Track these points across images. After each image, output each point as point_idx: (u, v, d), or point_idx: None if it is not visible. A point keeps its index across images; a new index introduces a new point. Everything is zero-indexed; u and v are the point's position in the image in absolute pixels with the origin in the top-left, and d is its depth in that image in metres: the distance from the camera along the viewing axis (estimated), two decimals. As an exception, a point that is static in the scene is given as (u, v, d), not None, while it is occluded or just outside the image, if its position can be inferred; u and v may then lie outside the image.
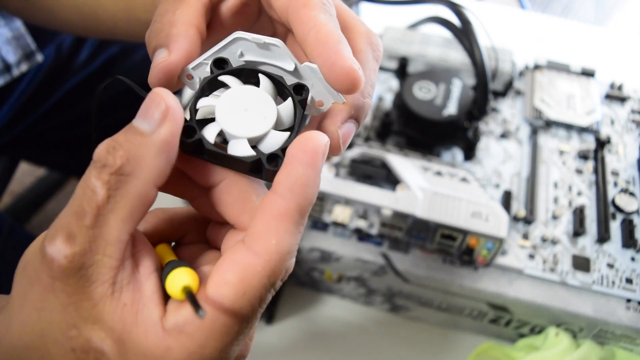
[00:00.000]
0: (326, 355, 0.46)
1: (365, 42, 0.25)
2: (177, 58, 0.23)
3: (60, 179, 1.20)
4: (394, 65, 0.55)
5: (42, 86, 0.67)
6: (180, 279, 0.19)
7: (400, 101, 0.48)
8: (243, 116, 0.22)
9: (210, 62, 0.23)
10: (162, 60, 0.23)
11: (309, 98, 0.23)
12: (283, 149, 0.21)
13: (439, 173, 0.43)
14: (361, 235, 0.43)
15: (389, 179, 0.44)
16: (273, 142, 0.22)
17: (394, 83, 0.54)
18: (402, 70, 0.53)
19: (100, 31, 0.48)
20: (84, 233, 0.19)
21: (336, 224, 0.43)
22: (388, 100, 0.52)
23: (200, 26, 0.25)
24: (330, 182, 0.42)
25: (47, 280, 0.19)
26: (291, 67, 0.23)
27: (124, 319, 0.19)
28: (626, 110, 0.52)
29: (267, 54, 0.23)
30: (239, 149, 0.21)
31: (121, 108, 0.74)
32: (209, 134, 0.22)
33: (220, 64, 0.23)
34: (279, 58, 0.23)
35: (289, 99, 0.23)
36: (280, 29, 0.29)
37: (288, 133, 0.22)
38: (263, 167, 0.21)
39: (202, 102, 0.23)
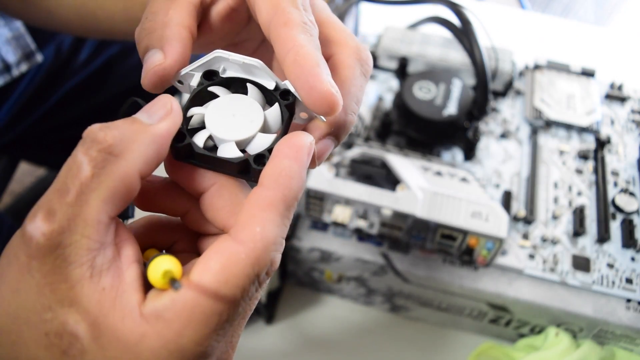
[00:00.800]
0: (326, 355, 0.46)
1: (353, 58, 0.25)
2: (172, 62, 0.23)
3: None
4: (394, 65, 0.55)
5: (42, 86, 0.67)
6: (161, 264, 0.19)
7: (400, 101, 0.48)
8: (231, 121, 0.23)
9: (197, 72, 0.24)
10: (158, 64, 0.23)
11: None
12: (269, 150, 0.22)
13: (439, 173, 0.43)
14: (361, 235, 0.43)
15: (389, 179, 0.44)
16: (260, 144, 0.23)
17: (394, 83, 0.54)
18: (402, 70, 0.53)
19: (99, 31, 0.48)
20: (64, 210, 0.19)
21: (336, 224, 0.43)
22: (388, 100, 0.52)
23: (192, 28, 0.25)
24: (330, 182, 0.42)
25: (24, 259, 0.19)
26: (272, 86, 0.24)
27: (102, 303, 0.19)
28: (626, 110, 0.52)
29: (249, 71, 0.24)
30: (227, 151, 0.22)
31: (120, 108, 0.74)
32: (199, 139, 0.23)
33: (210, 76, 0.24)
34: (260, 76, 0.24)
35: (276, 104, 0.23)
36: None
37: (274, 135, 0.23)
38: (250, 167, 0.22)
39: (193, 111, 0.23)
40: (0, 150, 0.73)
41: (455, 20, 0.48)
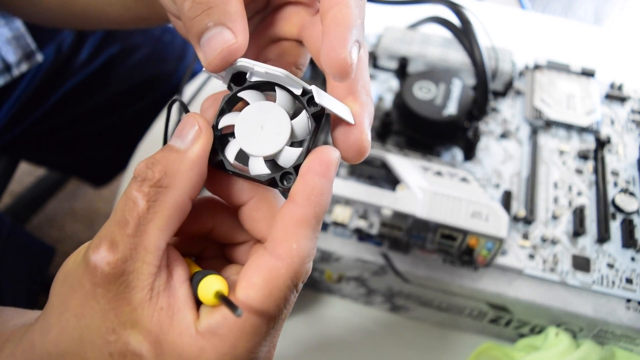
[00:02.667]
0: (326, 355, 0.46)
1: (354, 4, 0.24)
2: (243, 41, 0.23)
3: (60, 179, 1.20)
4: (394, 65, 0.55)
5: (42, 86, 0.66)
6: (211, 285, 0.21)
7: (400, 101, 0.48)
8: (259, 134, 0.23)
9: (225, 73, 0.24)
10: (231, 43, 0.22)
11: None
12: (296, 167, 0.23)
13: (439, 173, 0.43)
14: (361, 235, 0.43)
15: (389, 179, 0.44)
16: (288, 157, 0.23)
17: (394, 83, 0.54)
18: (402, 70, 0.53)
19: (77, 18, 0.46)
20: (126, 241, 0.20)
21: (336, 224, 0.43)
22: (388, 100, 0.52)
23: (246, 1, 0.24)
24: (330, 182, 0.42)
25: (89, 287, 0.20)
26: (299, 92, 0.23)
27: (161, 322, 0.20)
28: (626, 110, 0.52)
29: (275, 78, 0.23)
30: (256, 167, 0.23)
31: (120, 108, 0.74)
32: (230, 153, 0.24)
33: (239, 79, 0.24)
34: (287, 82, 0.23)
35: (303, 113, 0.23)
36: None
37: (301, 149, 0.23)
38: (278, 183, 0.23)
39: (224, 122, 0.24)
40: (0, 150, 0.73)
41: (455, 20, 0.48)
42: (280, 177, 0.23)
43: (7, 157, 0.81)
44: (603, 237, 0.42)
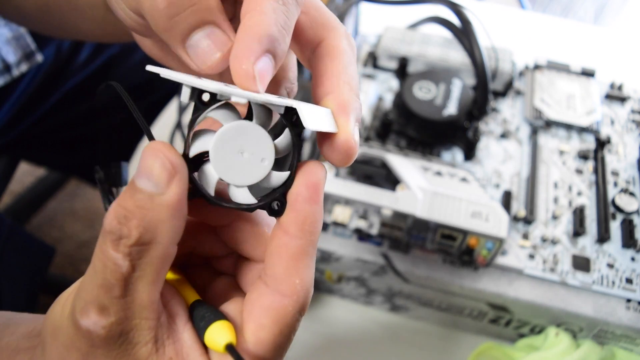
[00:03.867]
0: (326, 355, 0.46)
1: (346, 43, 0.24)
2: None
3: (60, 179, 1.20)
4: (394, 65, 0.55)
5: (42, 86, 0.66)
6: (219, 335, 0.20)
7: (400, 101, 0.48)
8: (240, 160, 0.21)
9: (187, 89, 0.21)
10: (229, 45, 0.21)
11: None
12: (284, 193, 0.21)
13: (439, 173, 0.43)
14: (361, 235, 0.43)
15: (389, 179, 0.44)
16: (273, 181, 0.22)
17: (394, 83, 0.54)
18: (402, 70, 0.53)
19: (52, 25, 0.45)
20: (116, 303, 0.19)
21: (336, 224, 0.43)
22: (388, 100, 0.52)
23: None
24: (330, 182, 0.42)
25: (87, 349, 0.19)
26: (281, 110, 0.21)
27: None
28: (626, 110, 0.52)
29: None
30: (240, 196, 0.22)
31: (120, 108, 0.74)
32: (208, 184, 0.21)
33: (203, 100, 0.20)
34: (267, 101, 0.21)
35: (286, 132, 0.22)
36: None
37: (288, 172, 0.22)
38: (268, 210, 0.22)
39: (196, 148, 0.21)
40: (0, 150, 0.73)
41: (455, 20, 0.48)
42: (269, 206, 0.21)
43: (7, 157, 0.81)
44: (603, 237, 0.42)
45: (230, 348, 0.20)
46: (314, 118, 0.20)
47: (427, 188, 0.41)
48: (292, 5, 0.21)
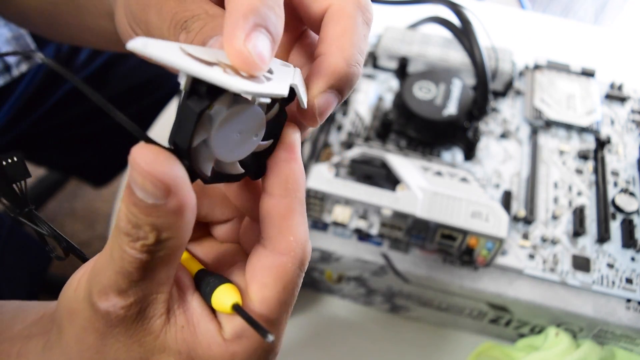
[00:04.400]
0: (326, 355, 0.46)
1: (353, 5, 0.23)
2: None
3: (60, 179, 1.20)
4: (394, 65, 0.55)
5: (42, 86, 0.66)
6: (225, 297, 0.21)
7: (400, 101, 0.48)
8: (235, 139, 0.21)
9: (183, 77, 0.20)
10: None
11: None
12: (265, 157, 0.22)
13: (439, 173, 0.43)
14: (361, 235, 0.43)
15: (389, 179, 0.44)
16: (259, 149, 0.22)
17: (394, 83, 0.54)
18: (402, 70, 0.53)
19: (57, 32, 0.46)
20: (134, 286, 0.20)
21: (336, 224, 0.43)
22: (388, 100, 0.52)
23: None
24: (330, 182, 0.42)
25: (104, 329, 0.20)
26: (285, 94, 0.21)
27: (186, 340, 0.21)
28: (626, 110, 0.52)
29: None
30: (231, 169, 0.22)
31: (121, 108, 0.74)
32: (206, 167, 0.21)
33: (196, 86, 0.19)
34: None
35: (276, 107, 0.22)
36: None
37: (272, 141, 0.22)
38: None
39: (199, 138, 0.20)
40: (0, 150, 0.73)
41: (455, 20, 0.48)
42: (255, 173, 0.23)
43: (7, 157, 0.81)
44: (603, 237, 0.42)
45: (237, 307, 0.20)
46: (303, 93, 0.21)
47: (427, 188, 0.41)
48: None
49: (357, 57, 0.23)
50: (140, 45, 0.16)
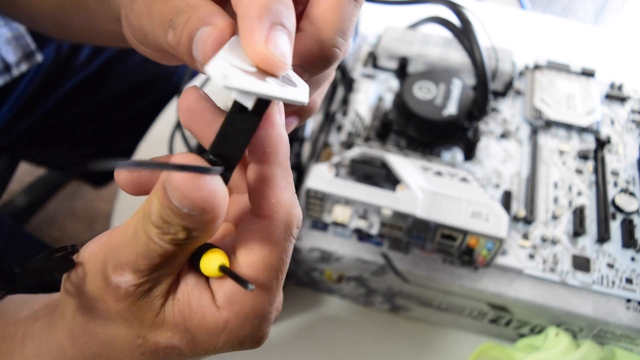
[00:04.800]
0: (326, 355, 0.46)
1: None
2: (225, 25, 0.21)
3: (60, 179, 1.20)
4: (394, 65, 0.55)
5: (42, 86, 0.66)
6: (212, 261, 0.21)
7: (400, 101, 0.48)
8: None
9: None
10: (210, 33, 0.21)
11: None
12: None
13: (439, 173, 0.43)
14: (361, 235, 0.43)
15: (389, 179, 0.44)
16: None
17: (394, 83, 0.54)
18: (402, 70, 0.53)
19: (67, 37, 0.46)
20: (152, 269, 0.20)
21: (336, 224, 0.43)
22: (388, 100, 0.52)
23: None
24: (330, 182, 0.42)
25: (111, 303, 0.21)
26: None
27: (183, 312, 0.21)
28: (626, 110, 0.52)
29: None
30: None
31: (121, 108, 0.74)
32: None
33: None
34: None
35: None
36: None
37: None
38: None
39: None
40: (0, 150, 0.73)
41: (455, 20, 0.48)
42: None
43: (7, 157, 0.81)
44: (603, 237, 0.42)
45: (223, 268, 0.21)
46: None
47: (427, 188, 0.41)
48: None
49: (337, 40, 0.22)
50: (222, 79, 0.18)
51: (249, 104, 0.19)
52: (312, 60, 0.22)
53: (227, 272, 0.21)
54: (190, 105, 0.22)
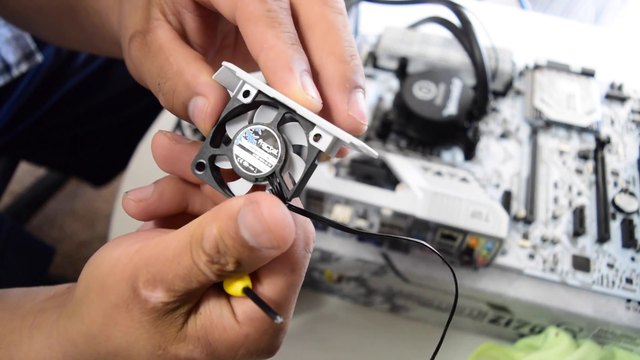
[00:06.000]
0: (326, 355, 0.46)
1: (319, 5, 0.23)
2: (216, 98, 0.23)
3: (60, 179, 1.20)
4: (394, 65, 0.55)
5: (42, 86, 0.66)
6: (236, 280, 0.22)
7: (400, 101, 0.48)
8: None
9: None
10: (204, 106, 0.23)
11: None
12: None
13: (439, 173, 0.43)
14: (361, 236, 0.43)
15: (389, 179, 0.44)
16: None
17: (394, 83, 0.54)
18: (402, 70, 0.53)
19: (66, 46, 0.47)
20: (187, 292, 0.21)
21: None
22: (388, 100, 0.52)
23: (196, 50, 0.25)
24: (330, 182, 0.42)
25: (137, 315, 0.21)
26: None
27: (204, 326, 0.22)
28: (626, 110, 0.52)
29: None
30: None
31: (120, 108, 0.74)
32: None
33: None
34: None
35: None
36: None
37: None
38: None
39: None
40: (0, 150, 0.73)
41: (455, 20, 0.48)
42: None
43: (7, 157, 0.81)
44: (603, 237, 0.42)
45: (247, 290, 0.21)
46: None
47: (427, 188, 0.41)
48: (282, 14, 0.22)
49: (351, 50, 0.23)
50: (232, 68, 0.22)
51: (325, 148, 0.22)
52: (351, 78, 0.23)
53: (252, 297, 0.21)
54: (165, 155, 0.24)
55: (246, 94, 0.22)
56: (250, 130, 0.22)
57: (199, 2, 0.25)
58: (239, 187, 0.23)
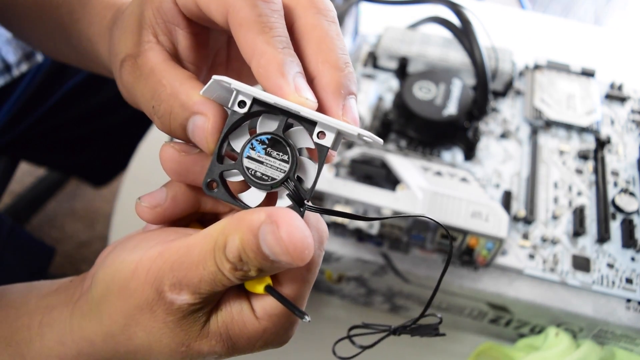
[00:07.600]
0: (326, 355, 0.46)
1: (313, 14, 0.24)
2: (215, 116, 0.23)
3: (60, 179, 1.20)
4: (394, 65, 0.55)
5: (42, 86, 0.66)
6: (257, 280, 0.22)
7: (400, 101, 0.48)
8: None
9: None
10: (204, 125, 0.23)
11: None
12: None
13: (439, 173, 0.43)
14: (361, 235, 0.43)
15: (389, 179, 0.44)
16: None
17: (394, 83, 0.54)
18: (402, 70, 0.53)
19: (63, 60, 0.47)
20: (212, 295, 0.21)
21: (336, 224, 0.43)
22: (388, 100, 0.52)
23: (189, 70, 0.25)
24: (330, 182, 0.42)
25: (161, 315, 0.22)
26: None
27: (226, 323, 0.23)
28: (626, 110, 0.52)
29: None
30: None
31: (120, 108, 0.74)
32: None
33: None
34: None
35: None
36: None
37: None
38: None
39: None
40: (0, 150, 0.73)
41: (455, 20, 0.48)
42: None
43: (7, 157, 0.81)
44: (603, 237, 0.42)
45: (269, 288, 0.22)
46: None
47: (427, 188, 0.41)
48: (274, 17, 0.23)
49: (345, 57, 0.24)
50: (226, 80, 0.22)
51: (329, 143, 0.22)
52: (345, 86, 0.24)
53: (275, 295, 0.22)
54: (176, 168, 0.24)
55: (242, 104, 0.23)
56: (257, 140, 0.23)
57: (191, 17, 0.25)
58: (253, 196, 0.23)
